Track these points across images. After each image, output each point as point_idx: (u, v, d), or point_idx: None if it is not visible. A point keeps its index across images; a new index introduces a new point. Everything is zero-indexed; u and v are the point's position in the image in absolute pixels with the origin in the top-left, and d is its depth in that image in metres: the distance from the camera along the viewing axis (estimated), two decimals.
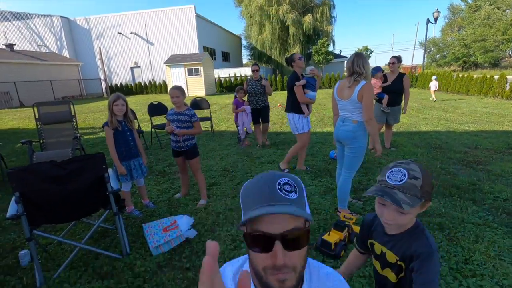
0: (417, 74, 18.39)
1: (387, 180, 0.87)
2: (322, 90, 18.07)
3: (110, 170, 2.48)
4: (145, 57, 24.73)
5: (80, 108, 13.88)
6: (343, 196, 2.78)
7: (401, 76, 4.63)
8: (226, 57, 31.92)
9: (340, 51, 35.35)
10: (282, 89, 20.06)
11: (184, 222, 2.55)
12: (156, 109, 5.88)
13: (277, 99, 13.23)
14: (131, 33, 24.28)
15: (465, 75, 13.80)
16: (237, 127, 5.30)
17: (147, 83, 22.59)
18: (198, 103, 6.43)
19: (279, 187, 0.59)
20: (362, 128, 2.58)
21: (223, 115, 9.54)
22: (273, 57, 30.80)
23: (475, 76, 13.36)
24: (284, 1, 27.10)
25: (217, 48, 28.70)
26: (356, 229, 2.40)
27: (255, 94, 5.03)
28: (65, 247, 2.45)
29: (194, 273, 2.09)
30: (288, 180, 0.61)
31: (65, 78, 21.65)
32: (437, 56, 42.68)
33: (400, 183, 0.84)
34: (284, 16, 27.17)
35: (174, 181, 3.94)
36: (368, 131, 2.56)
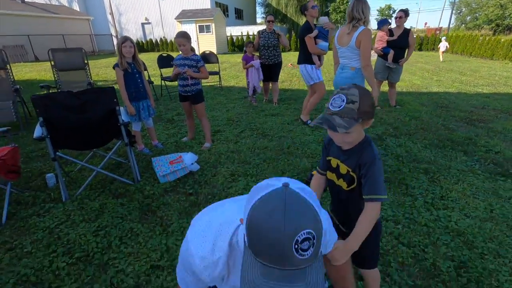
0: (441, 37, 17.31)
1: (330, 107, 0.97)
2: None
3: (121, 108, 2.71)
4: (156, 13, 23.97)
5: (93, 63, 14.00)
6: None
7: (407, 31, 4.51)
8: (239, 14, 30.54)
9: None
10: (296, 49, 19.42)
11: (188, 158, 2.80)
12: (165, 61, 5.96)
13: (290, 59, 12.94)
14: None
15: (492, 39, 12.94)
16: (247, 84, 5.20)
17: (158, 40, 22.23)
18: (206, 57, 6.45)
19: (296, 246, 0.54)
20: (360, 75, 2.65)
21: (232, 72, 9.53)
22: (288, 15, 29.33)
23: (502, 39, 12.53)
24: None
25: (230, 4, 27.37)
26: None
27: (268, 47, 4.71)
28: (84, 173, 2.78)
29: (196, 197, 2.38)
30: (308, 234, 0.55)
31: (77, 33, 21.51)
32: (468, 18, 39.46)
33: (339, 108, 0.94)
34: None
35: (182, 127, 4.17)
36: (365, 77, 2.64)
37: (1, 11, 16.83)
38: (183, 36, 3.02)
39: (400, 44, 4.52)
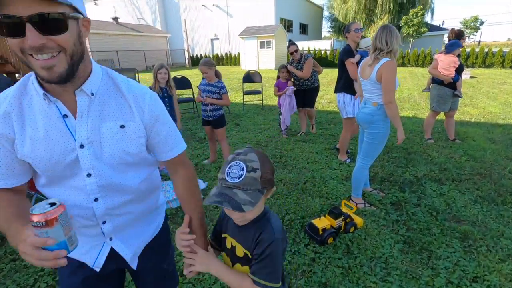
0: None
1: (227, 178, 0.79)
2: (403, 68, 15.96)
3: None
4: (224, 29, 25.66)
5: None
6: (356, 184, 2.59)
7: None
8: (304, 29, 30.62)
9: (443, 22, 29.68)
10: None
11: None
12: (180, 83, 6.09)
13: None
14: (214, 5, 25.29)
15: None
16: (279, 112, 4.62)
17: (223, 55, 23.67)
18: (250, 76, 6.54)
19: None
20: (383, 112, 2.30)
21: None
22: None
23: None
24: None
25: (295, 20, 27.68)
26: (357, 219, 2.26)
27: (300, 79, 4.32)
28: None
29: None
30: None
31: (155, 49, 24.35)
32: None
33: (240, 180, 0.77)
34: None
35: (208, 149, 4.24)
36: (388, 115, 2.28)
37: (101, 31, 20.15)
38: (205, 64, 3.08)
39: (460, 68, 3.86)
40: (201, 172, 3.42)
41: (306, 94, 4.42)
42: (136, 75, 5.27)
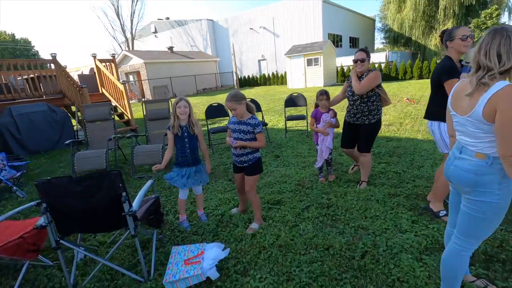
0: None
1: None
2: None
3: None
4: (271, 49, 25.78)
5: (211, 98, 15.79)
6: (448, 274, 1.64)
7: None
8: (354, 43, 29.18)
9: None
10: (420, 77, 16.46)
11: (211, 255, 2.14)
12: (215, 111, 5.58)
13: (407, 92, 10.81)
14: (261, 27, 25.71)
15: None
16: (316, 147, 3.60)
17: (270, 75, 23.57)
18: (293, 100, 5.84)
19: None
20: (497, 169, 1.38)
21: None
22: (413, 38, 25.87)
23: None
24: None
25: (344, 34, 26.54)
26: None
27: (356, 100, 3.16)
28: (92, 262, 2.52)
29: None
30: None
31: (205, 73, 25.39)
32: None
33: None
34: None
35: None
36: (507, 173, 1.34)
37: (157, 61, 21.76)
38: (232, 99, 2.47)
39: None
40: (225, 230, 2.74)
41: (360, 132, 3.24)
42: (169, 104, 4.98)
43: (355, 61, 3.12)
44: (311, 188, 3.46)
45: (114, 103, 8.36)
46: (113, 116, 5.02)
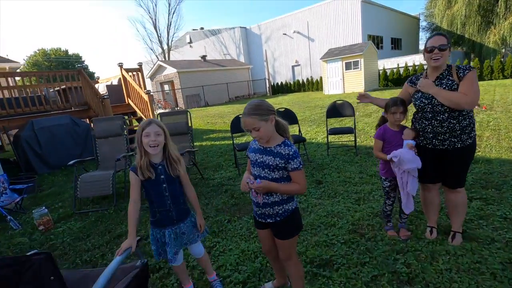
0: None
1: None
2: None
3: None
4: (305, 54, 24.69)
5: (242, 107, 15.11)
6: None
7: None
8: (396, 44, 26.99)
9: None
10: (481, 78, 14.23)
11: None
12: (234, 126, 4.55)
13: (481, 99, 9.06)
14: (294, 32, 24.77)
15: None
16: (382, 183, 2.42)
17: (304, 80, 22.47)
18: (337, 108, 4.76)
19: None
20: None
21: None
22: (467, 35, 23.09)
23: None
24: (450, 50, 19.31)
25: (385, 35, 24.62)
26: None
27: (436, 114, 2.04)
28: None
29: None
30: None
31: (237, 80, 24.98)
32: None
33: None
34: None
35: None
36: None
37: (190, 70, 21.80)
38: (253, 113, 1.51)
39: None
40: None
41: (449, 160, 2.11)
42: (188, 116, 4.21)
43: (430, 50, 2.01)
44: (375, 239, 2.38)
45: (139, 114, 7.94)
46: (126, 132, 4.37)
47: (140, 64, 8.42)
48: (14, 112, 6.40)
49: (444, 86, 2.00)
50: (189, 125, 4.29)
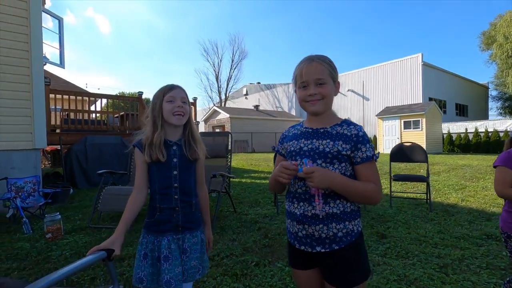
0: None
1: None
2: None
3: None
4: (358, 112, 24.11)
5: None
6: None
7: None
8: (462, 110, 25.05)
9: None
10: None
11: None
12: None
13: None
14: (348, 90, 24.75)
15: None
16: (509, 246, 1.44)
17: None
18: (404, 151, 3.92)
19: None
20: None
21: (452, 179, 5.99)
22: None
23: None
24: None
25: (448, 100, 23.11)
26: None
27: None
28: None
29: None
30: None
31: None
32: None
33: None
34: None
35: None
36: None
37: (242, 116, 22.64)
38: (323, 61, 1.06)
39: None
40: None
41: None
42: (229, 139, 3.80)
43: None
44: None
45: None
46: None
47: (195, 99, 8.73)
48: (75, 127, 6.83)
49: None
50: (229, 148, 3.87)
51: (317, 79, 1.02)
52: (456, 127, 17.32)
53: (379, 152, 1.04)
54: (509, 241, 1.41)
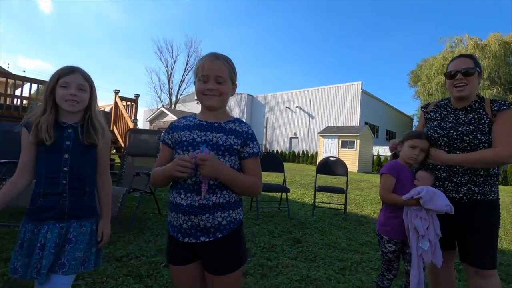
0: None
1: None
2: None
3: None
4: (304, 129, 25.49)
5: None
6: None
7: None
8: (391, 136, 28.23)
9: None
10: None
11: None
12: (264, 163, 4.16)
13: None
14: (297, 107, 26.10)
15: None
16: (382, 247, 1.63)
17: (300, 152, 22.63)
18: (329, 165, 4.28)
19: None
20: None
21: (372, 194, 6.69)
22: None
23: None
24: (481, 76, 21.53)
25: (381, 126, 25.93)
26: None
27: (456, 149, 1.51)
28: None
29: None
30: None
31: None
32: None
33: None
34: (480, 92, 21.35)
35: None
36: None
37: None
38: (226, 61, 1.13)
39: None
40: None
41: (469, 219, 1.48)
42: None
43: (452, 75, 1.55)
44: None
45: (120, 143, 7.41)
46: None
47: (136, 96, 8.28)
48: None
49: (472, 120, 1.51)
50: (159, 147, 3.75)
51: (218, 76, 1.08)
52: (385, 150, 19.39)
53: (263, 150, 1.13)
54: (381, 242, 1.62)
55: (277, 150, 24.68)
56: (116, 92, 7.78)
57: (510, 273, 2.53)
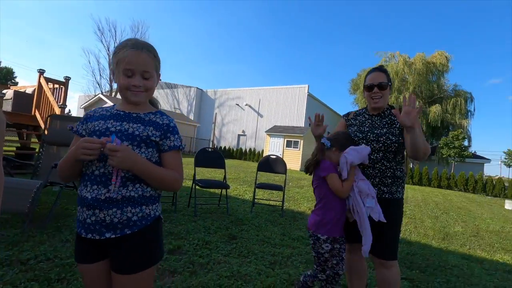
0: None
1: None
2: (456, 192, 13.35)
3: None
4: (252, 127, 25.82)
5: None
6: None
7: None
8: None
9: (475, 152, 27.89)
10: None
11: None
12: (206, 158, 4.09)
13: None
14: (246, 105, 26.29)
15: None
16: (318, 247, 1.65)
17: (247, 150, 22.90)
18: (269, 163, 4.39)
19: None
20: None
21: (310, 192, 7.09)
22: None
23: None
24: (406, 89, 24.56)
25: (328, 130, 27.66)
26: None
27: (372, 152, 1.69)
28: None
29: None
30: None
31: (182, 135, 24.14)
32: None
33: None
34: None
35: None
36: None
37: None
38: (151, 52, 1.05)
39: None
40: None
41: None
42: None
43: (369, 87, 1.75)
44: None
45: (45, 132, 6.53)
46: None
47: (66, 78, 7.37)
48: None
49: (385, 124, 1.71)
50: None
51: (144, 71, 1.01)
52: None
53: (185, 144, 1.09)
54: (317, 243, 1.67)
55: (225, 147, 24.58)
56: (41, 72, 6.82)
57: (414, 261, 2.92)
